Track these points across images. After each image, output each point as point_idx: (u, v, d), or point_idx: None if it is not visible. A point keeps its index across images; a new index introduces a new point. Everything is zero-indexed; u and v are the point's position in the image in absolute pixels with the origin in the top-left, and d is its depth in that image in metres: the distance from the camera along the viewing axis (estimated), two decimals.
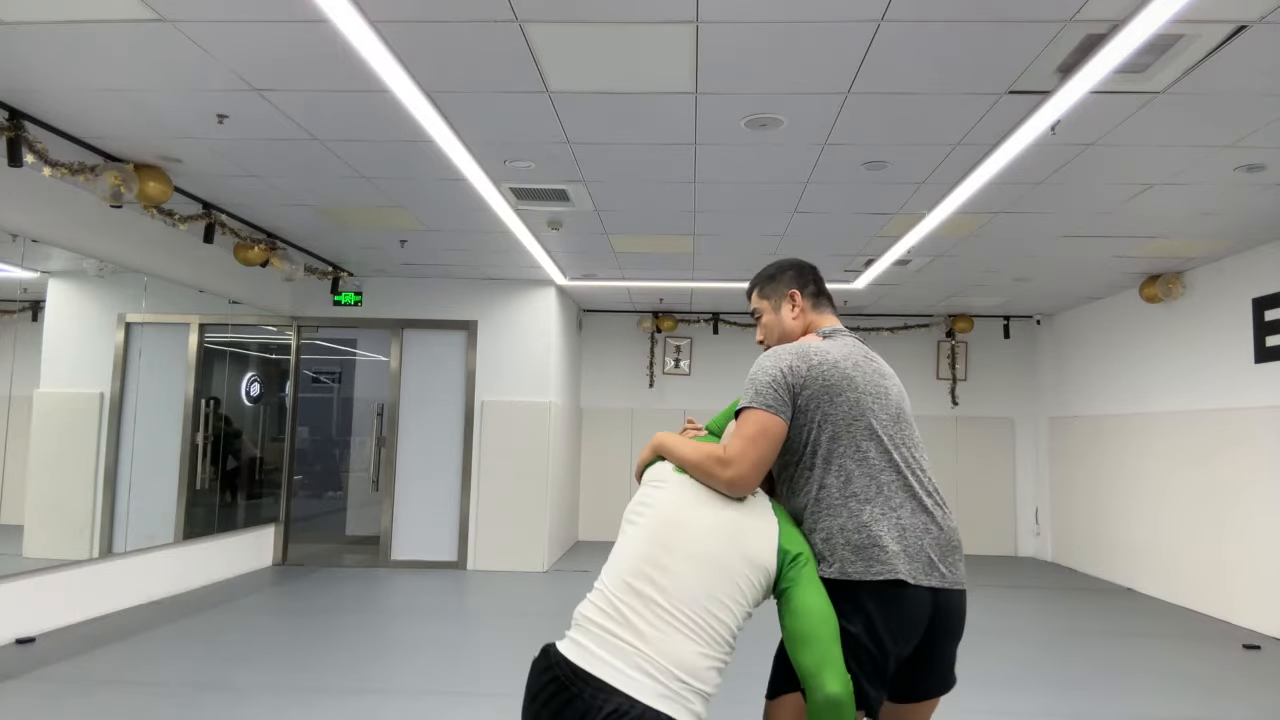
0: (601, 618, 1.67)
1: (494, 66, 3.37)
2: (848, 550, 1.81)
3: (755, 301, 2.24)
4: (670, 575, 1.68)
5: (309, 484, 10.82)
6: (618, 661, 1.60)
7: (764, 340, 2.22)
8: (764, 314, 2.21)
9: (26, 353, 5.01)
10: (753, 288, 2.26)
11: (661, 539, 1.74)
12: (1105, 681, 4.37)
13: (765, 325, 2.20)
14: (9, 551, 4.83)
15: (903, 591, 1.79)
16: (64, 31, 3.16)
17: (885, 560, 1.79)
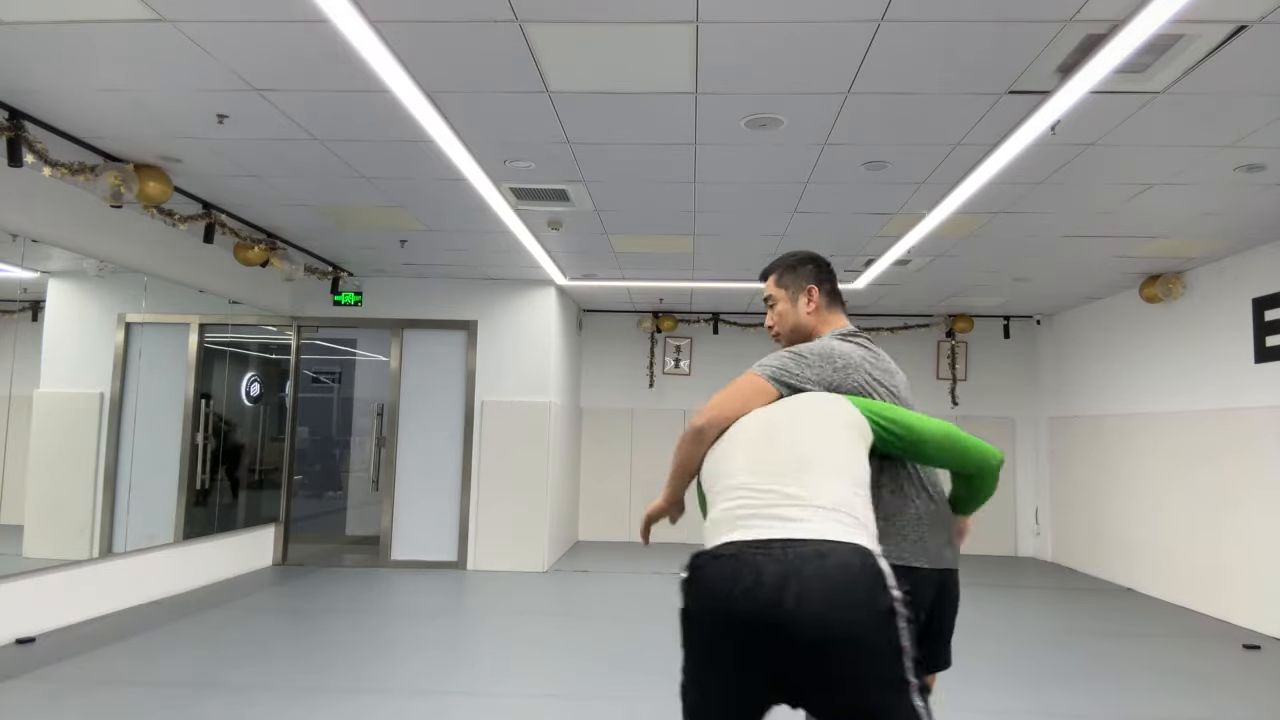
0: (752, 504, 1.65)
1: (494, 66, 3.37)
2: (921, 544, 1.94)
3: (771, 288, 2.23)
4: (804, 472, 1.68)
5: (309, 484, 10.82)
6: (796, 516, 1.59)
7: (774, 327, 2.23)
8: (779, 302, 2.21)
9: (26, 353, 5.01)
10: (770, 272, 2.25)
11: (771, 452, 1.74)
12: (1105, 681, 4.37)
13: (779, 313, 2.21)
14: (9, 551, 4.83)
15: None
16: (64, 31, 3.16)
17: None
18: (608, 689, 4.11)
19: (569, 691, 4.06)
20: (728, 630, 1.51)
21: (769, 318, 2.25)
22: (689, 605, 1.59)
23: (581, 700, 3.93)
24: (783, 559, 1.51)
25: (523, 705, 3.85)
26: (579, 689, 4.10)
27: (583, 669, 4.45)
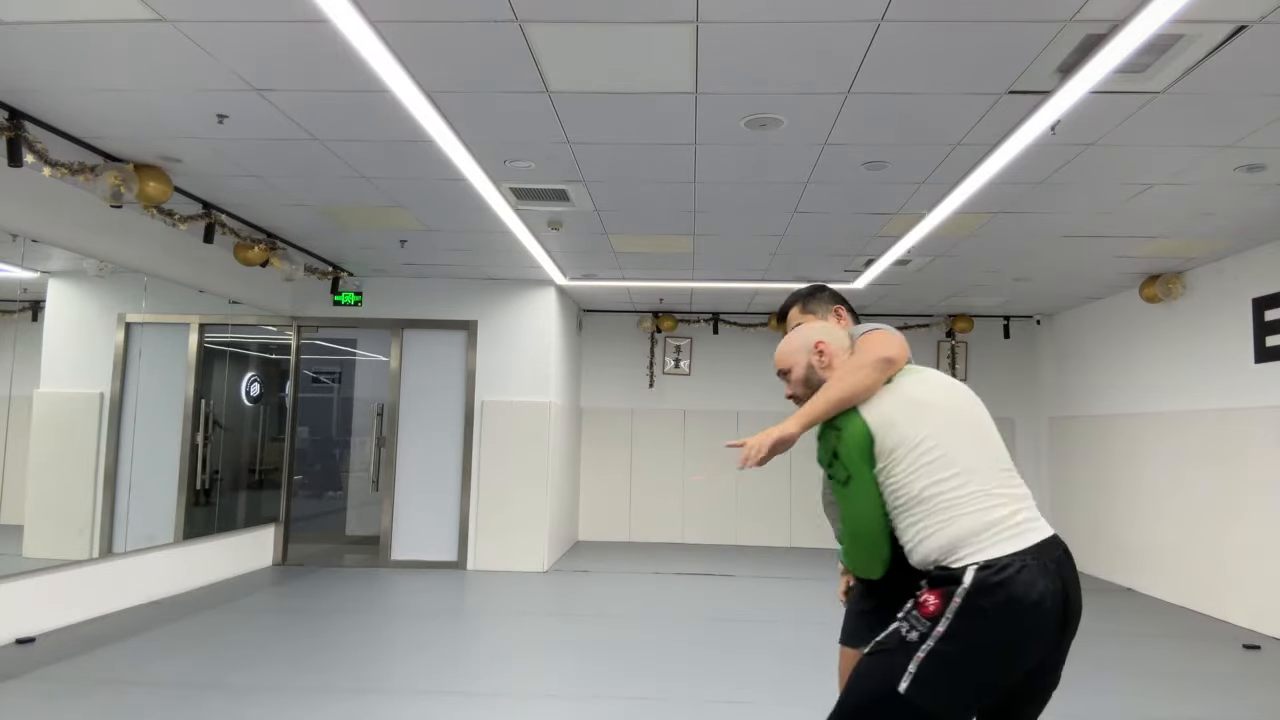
0: (1008, 506, 1.84)
1: (494, 66, 3.37)
2: None
3: (799, 316, 2.38)
4: (1012, 469, 1.93)
5: (309, 484, 10.81)
6: (1036, 515, 1.88)
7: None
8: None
9: (26, 353, 5.01)
10: (792, 305, 2.40)
11: (988, 451, 1.92)
12: (1105, 681, 4.37)
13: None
14: (9, 551, 4.83)
15: None
16: (64, 31, 3.16)
17: None
18: (608, 689, 4.11)
19: (569, 691, 4.06)
20: (1039, 630, 1.75)
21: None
22: (998, 607, 1.72)
23: (581, 700, 3.93)
24: (1058, 560, 1.79)
25: (523, 705, 3.85)
26: (579, 689, 4.10)
27: (583, 669, 4.45)
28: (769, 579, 7.31)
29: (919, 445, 1.85)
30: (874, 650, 1.82)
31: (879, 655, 1.80)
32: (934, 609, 1.75)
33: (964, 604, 1.73)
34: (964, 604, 1.73)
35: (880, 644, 1.81)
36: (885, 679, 1.75)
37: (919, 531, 1.83)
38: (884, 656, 1.78)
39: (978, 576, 1.73)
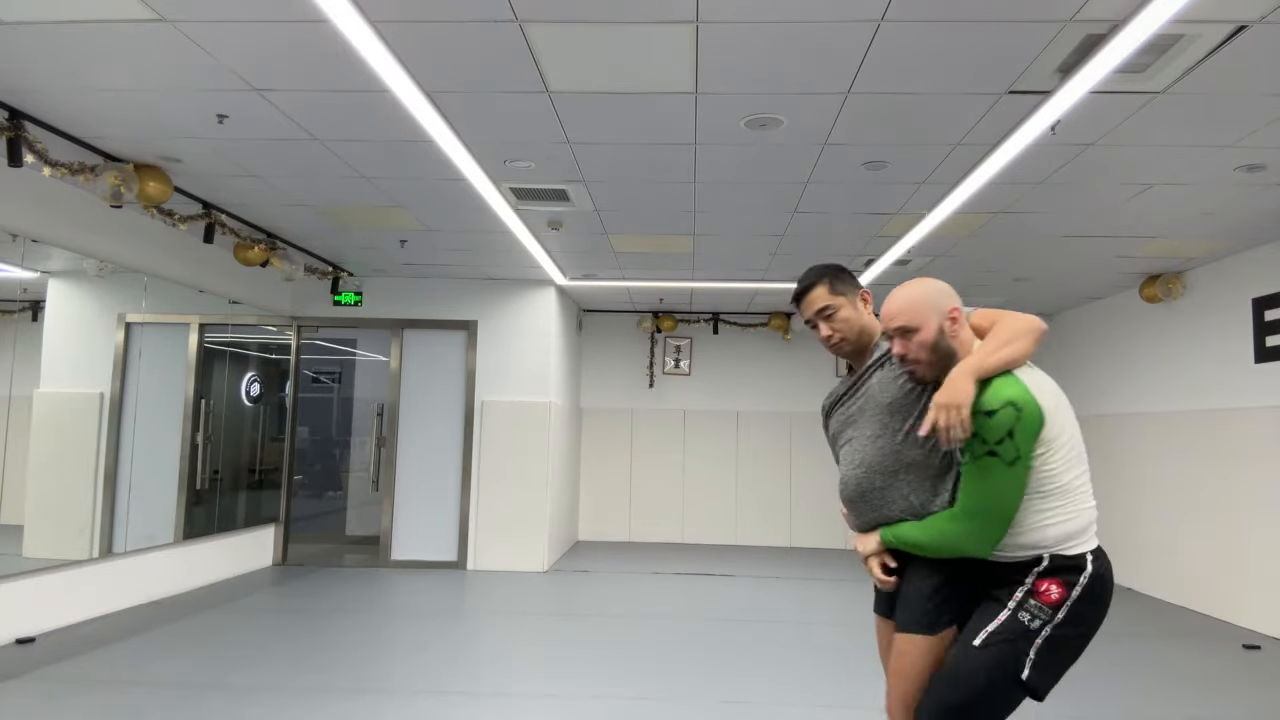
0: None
1: (494, 66, 3.37)
2: None
3: (829, 298, 2.18)
4: None
5: (309, 484, 10.81)
6: None
7: (838, 335, 2.19)
8: (842, 309, 2.18)
9: (26, 353, 5.01)
10: (818, 282, 2.20)
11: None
12: (1105, 681, 4.37)
13: (845, 320, 2.18)
14: (9, 551, 4.83)
15: None
16: (64, 31, 3.16)
17: None
18: (608, 689, 4.11)
19: (569, 691, 4.06)
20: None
21: (828, 328, 2.19)
22: (1105, 592, 1.95)
23: (581, 700, 3.93)
24: None
25: (523, 705, 3.85)
26: (579, 689, 4.10)
27: (583, 669, 4.45)
28: (769, 579, 7.31)
29: (1072, 437, 1.97)
30: (991, 641, 1.90)
31: (999, 645, 1.89)
32: (1057, 597, 1.89)
33: (1084, 591, 1.89)
34: (1084, 591, 1.89)
35: (997, 634, 1.90)
36: (1009, 668, 1.88)
37: (1047, 518, 1.91)
38: (1005, 646, 1.89)
39: (1096, 565, 1.91)
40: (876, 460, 2.10)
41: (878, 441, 2.11)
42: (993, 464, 1.88)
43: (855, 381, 2.22)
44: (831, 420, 2.29)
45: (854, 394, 2.22)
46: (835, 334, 2.18)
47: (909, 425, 2.09)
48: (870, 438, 2.13)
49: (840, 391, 2.28)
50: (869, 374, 2.19)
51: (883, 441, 2.10)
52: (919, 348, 2.00)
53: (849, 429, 2.20)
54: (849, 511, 2.21)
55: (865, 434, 2.14)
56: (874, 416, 2.13)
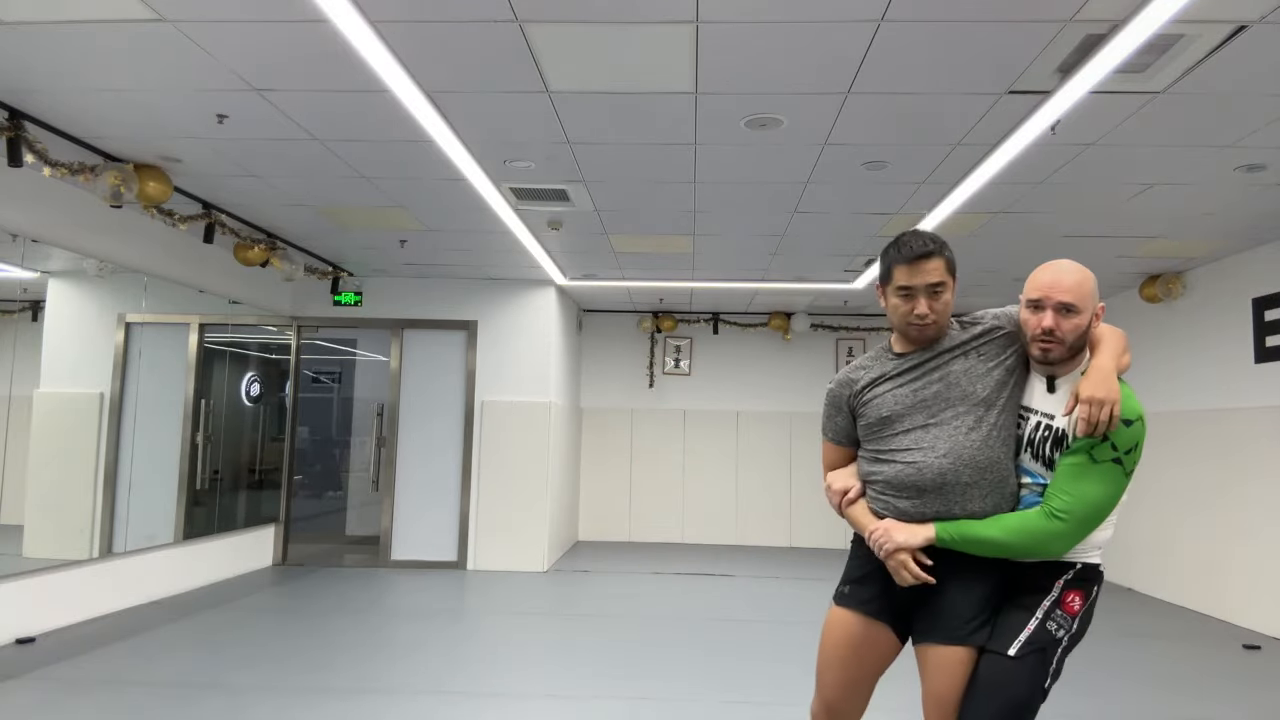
0: None
1: (494, 66, 3.37)
2: None
3: (946, 275, 2.03)
4: None
5: (309, 484, 10.81)
6: None
7: (935, 316, 2.03)
8: (949, 291, 2.04)
9: (26, 353, 5.01)
10: (942, 252, 2.03)
11: None
12: (1105, 681, 4.37)
13: (947, 304, 2.05)
14: (9, 551, 4.83)
15: None
16: (64, 31, 3.16)
17: None
18: (608, 689, 4.11)
19: (569, 691, 4.06)
20: None
21: (929, 305, 2.02)
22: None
23: (581, 700, 3.93)
24: None
25: (523, 705, 3.85)
26: (579, 689, 4.10)
27: (583, 669, 4.45)
28: (769, 579, 7.31)
29: None
30: (1026, 652, 1.87)
31: (1033, 655, 1.88)
32: (1079, 607, 1.93)
33: (1095, 599, 1.98)
34: (1095, 599, 1.98)
35: (1030, 644, 1.89)
36: (1040, 678, 1.89)
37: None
38: (1038, 656, 1.88)
39: (1101, 573, 2.00)
40: (970, 453, 1.99)
41: (971, 434, 2.00)
42: (1115, 471, 1.89)
43: (921, 364, 2.09)
44: (878, 400, 2.12)
45: (922, 376, 2.08)
46: (932, 314, 2.02)
47: (999, 420, 2.03)
48: (964, 429, 2.01)
49: (889, 371, 2.13)
50: (947, 360, 2.07)
51: (976, 435, 2.00)
52: (1073, 330, 1.94)
53: (920, 414, 2.06)
54: (914, 500, 2.03)
55: (955, 424, 2.02)
56: (967, 408, 2.02)
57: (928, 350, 2.10)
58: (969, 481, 1.99)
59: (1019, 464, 2.05)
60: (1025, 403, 2.07)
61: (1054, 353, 1.96)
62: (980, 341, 2.09)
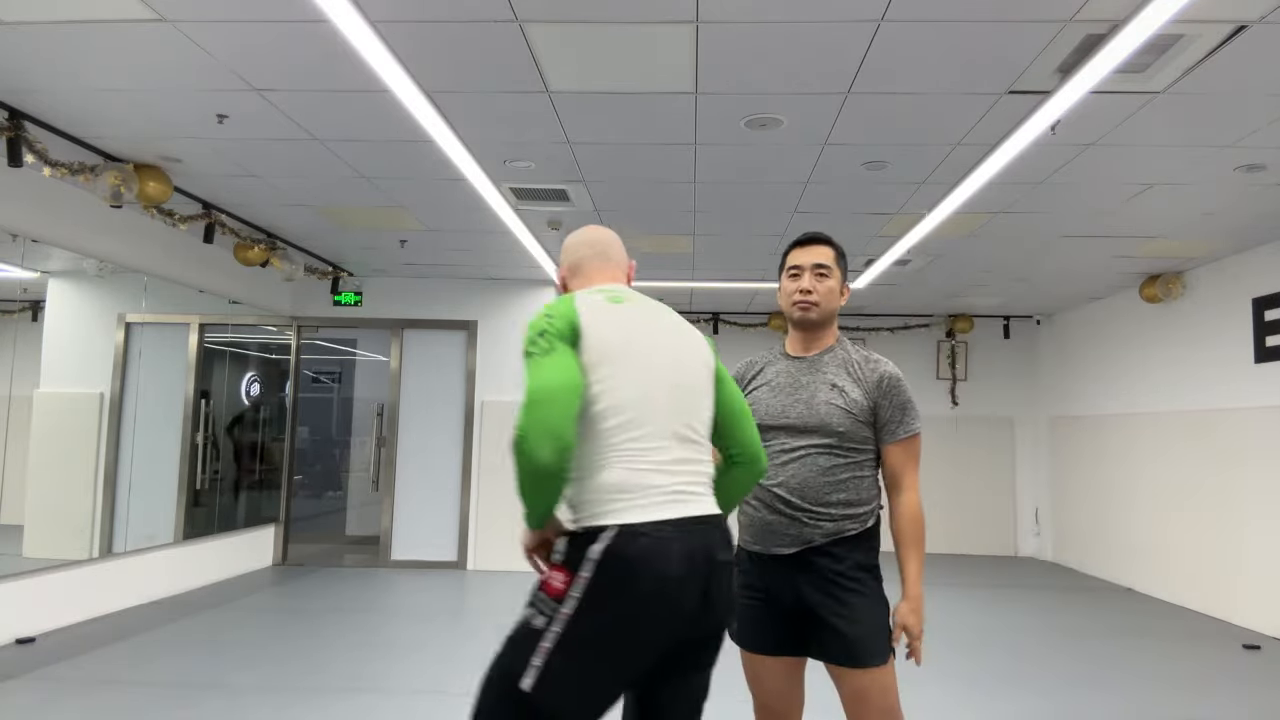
0: (677, 474, 1.62)
1: (494, 66, 3.37)
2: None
3: (831, 261, 2.17)
4: (697, 413, 1.74)
5: (309, 484, 10.81)
6: (704, 490, 1.68)
7: (814, 296, 2.14)
8: (832, 278, 2.17)
9: (26, 353, 5.01)
10: (829, 243, 2.19)
11: (674, 387, 1.72)
12: (1105, 681, 4.37)
13: (829, 290, 2.16)
14: (9, 551, 4.83)
15: None
16: (64, 31, 3.16)
17: None
18: None
19: None
20: (669, 615, 1.58)
21: (812, 281, 2.14)
22: (631, 581, 1.54)
23: None
24: (717, 537, 1.68)
25: None
26: None
27: None
28: None
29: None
30: (502, 644, 1.57)
31: (505, 644, 1.57)
32: (562, 587, 1.52)
33: (594, 578, 1.49)
34: (594, 578, 1.49)
35: (508, 634, 1.58)
36: (501, 677, 1.53)
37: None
38: (508, 646, 1.56)
39: (614, 544, 1.51)
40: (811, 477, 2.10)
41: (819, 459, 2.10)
42: (529, 364, 1.59)
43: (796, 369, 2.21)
44: (759, 390, 2.22)
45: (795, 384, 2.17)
46: (814, 294, 2.14)
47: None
48: (813, 450, 2.11)
49: (782, 376, 2.20)
50: (820, 373, 2.16)
51: (825, 460, 2.09)
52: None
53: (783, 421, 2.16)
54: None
55: (806, 443, 2.11)
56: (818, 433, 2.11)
57: (804, 353, 2.23)
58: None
59: None
60: None
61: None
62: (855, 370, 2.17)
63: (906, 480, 2.10)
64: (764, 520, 2.11)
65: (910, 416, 2.12)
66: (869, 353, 2.19)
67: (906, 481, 2.10)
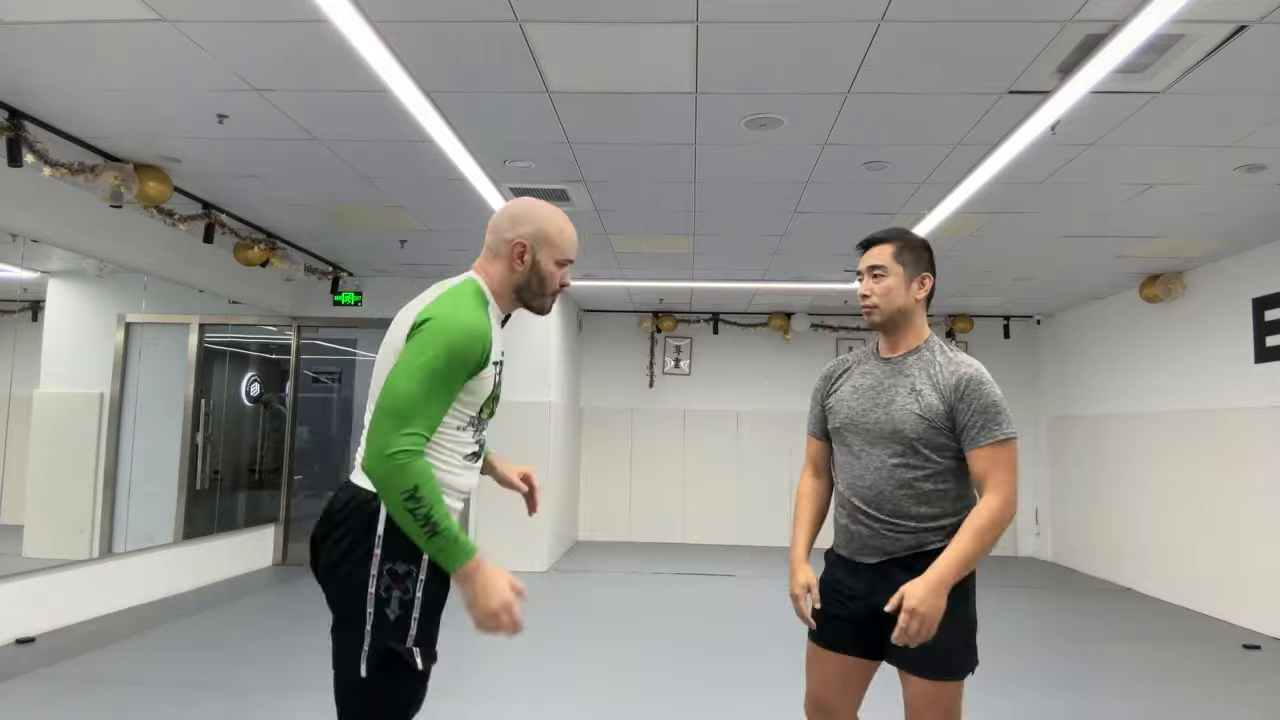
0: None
1: (494, 66, 3.37)
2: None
3: (888, 259, 2.06)
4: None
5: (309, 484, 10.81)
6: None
7: (873, 299, 2.07)
8: (890, 276, 2.06)
9: (26, 353, 5.01)
10: (886, 241, 2.08)
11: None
12: (1105, 681, 4.37)
13: (888, 289, 2.05)
14: (9, 551, 4.83)
15: None
16: (64, 31, 3.16)
17: None
18: (608, 689, 4.10)
19: (569, 691, 4.06)
20: None
21: (870, 286, 2.07)
22: None
23: (582, 700, 3.93)
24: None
25: (523, 705, 3.85)
26: (579, 689, 4.10)
27: (583, 669, 4.45)
28: (769, 579, 7.30)
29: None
30: None
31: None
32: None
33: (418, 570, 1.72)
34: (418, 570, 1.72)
35: None
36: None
37: None
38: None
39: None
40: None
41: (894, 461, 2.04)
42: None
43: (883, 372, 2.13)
44: (843, 390, 2.15)
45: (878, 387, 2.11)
46: (872, 295, 2.07)
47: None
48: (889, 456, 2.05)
49: (867, 377, 2.14)
50: (903, 376, 2.09)
51: (901, 468, 2.03)
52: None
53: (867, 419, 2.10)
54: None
55: (882, 450, 2.06)
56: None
57: (889, 356, 2.14)
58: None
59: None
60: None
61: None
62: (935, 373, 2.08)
63: (991, 483, 1.94)
64: (849, 529, 2.09)
65: (994, 421, 2.00)
66: (955, 353, 2.09)
67: (991, 484, 1.94)
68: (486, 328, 1.77)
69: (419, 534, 1.59)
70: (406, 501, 1.57)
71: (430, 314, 1.74)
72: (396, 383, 1.62)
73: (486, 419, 1.85)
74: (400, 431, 1.58)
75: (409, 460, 1.57)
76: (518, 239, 1.91)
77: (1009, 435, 1.99)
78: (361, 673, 1.62)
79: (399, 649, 1.63)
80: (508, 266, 1.94)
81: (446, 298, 1.82)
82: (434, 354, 1.64)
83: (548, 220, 1.92)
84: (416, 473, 1.58)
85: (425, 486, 1.58)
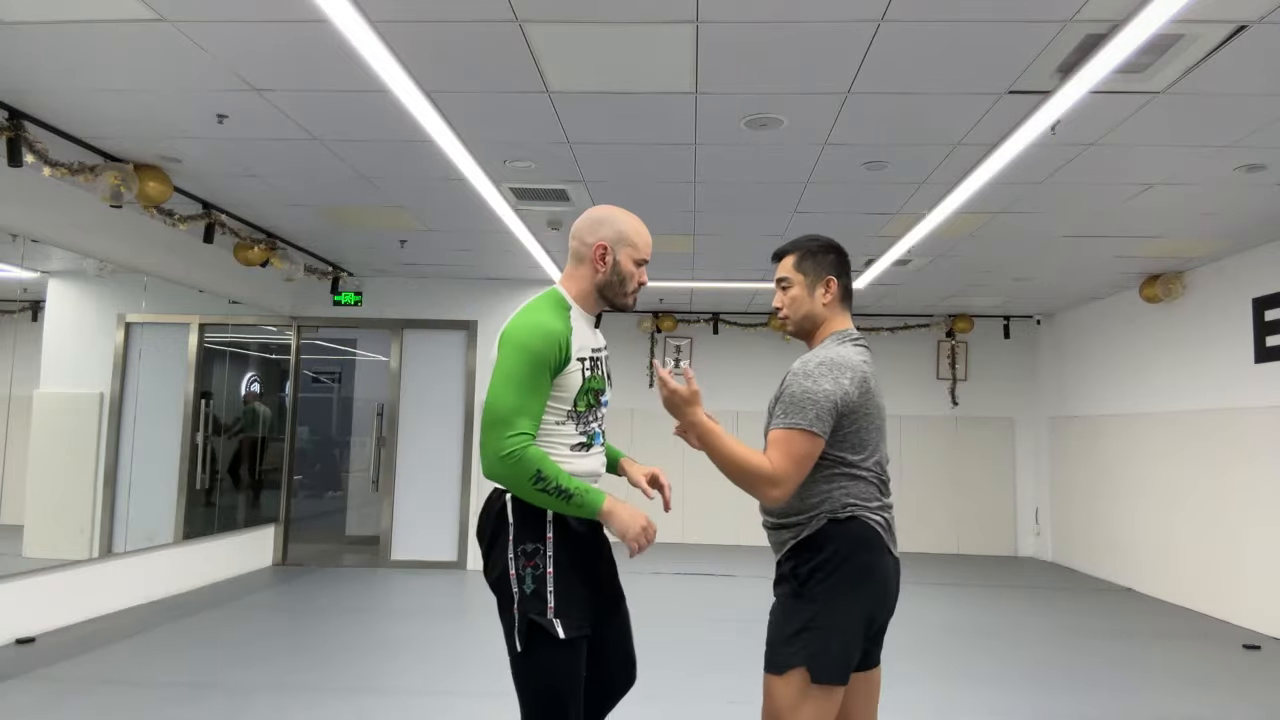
0: None
1: (494, 66, 3.37)
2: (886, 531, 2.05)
3: (789, 270, 2.15)
4: None
5: (309, 484, 10.82)
6: None
7: (784, 311, 2.17)
8: (794, 287, 2.14)
9: (26, 353, 5.01)
10: (788, 253, 2.17)
11: None
12: (1105, 681, 4.37)
13: (792, 299, 2.14)
14: (9, 551, 4.83)
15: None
16: (64, 31, 3.16)
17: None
18: None
19: None
20: None
21: (780, 299, 2.18)
22: None
23: None
24: None
25: None
26: None
27: None
28: (769, 579, 7.30)
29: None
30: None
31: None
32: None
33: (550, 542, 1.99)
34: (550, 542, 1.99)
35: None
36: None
37: None
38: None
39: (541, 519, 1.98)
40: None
41: None
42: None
43: None
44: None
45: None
46: (782, 308, 2.18)
47: None
48: None
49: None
50: None
51: None
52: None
53: None
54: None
55: None
56: None
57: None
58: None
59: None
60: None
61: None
62: None
63: (768, 454, 1.99)
64: None
65: (791, 409, 1.96)
66: (827, 349, 2.06)
67: (768, 455, 1.99)
68: (560, 328, 1.95)
69: (558, 504, 1.87)
70: (535, 485, 1.83)
71: (506, 328, 1.97)
72: (490, 397, 1.89)
73: (584, 411, 2.03)
74: (505, 435, 1.83)
75: (522, 452, 1.82)
76: (599, 242, 2.07)
77: (795, 425, 1.95)
78: (517, 647, 1.88)
79: (540, 620, 1.85)
80: (591, 269, 2.09)
81: (523, 311, 2.00)
82: (513, 362, 1.88)
83: (624, 223, 2.14)
84: (532, 459, 1.83)
85: (545, 467, 1.84)
